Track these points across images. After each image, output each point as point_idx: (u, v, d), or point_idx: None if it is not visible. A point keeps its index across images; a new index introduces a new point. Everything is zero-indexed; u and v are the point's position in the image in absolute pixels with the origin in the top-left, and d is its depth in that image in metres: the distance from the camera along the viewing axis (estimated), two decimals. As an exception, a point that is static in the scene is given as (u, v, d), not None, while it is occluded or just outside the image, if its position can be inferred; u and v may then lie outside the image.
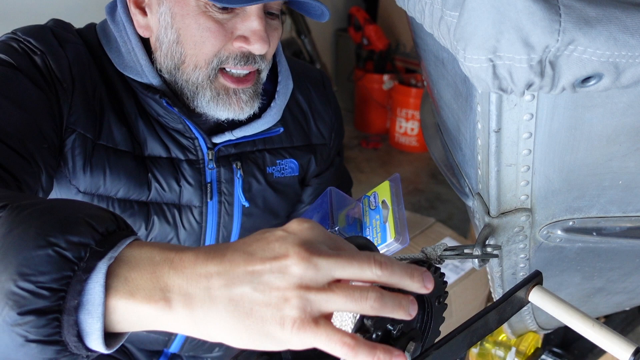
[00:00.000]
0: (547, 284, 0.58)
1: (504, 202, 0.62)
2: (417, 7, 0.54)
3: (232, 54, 0.78)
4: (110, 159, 0.81)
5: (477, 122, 0.56)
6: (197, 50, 0.77)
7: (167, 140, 0.86)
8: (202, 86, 0.80)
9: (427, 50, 0.65)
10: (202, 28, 0.76)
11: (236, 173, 0.92)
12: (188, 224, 0.90)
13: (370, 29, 3.92)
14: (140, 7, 0.81)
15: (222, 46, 0.77)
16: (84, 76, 0.80)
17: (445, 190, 3.36)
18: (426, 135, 1.01)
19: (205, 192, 0.90)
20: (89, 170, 0.80)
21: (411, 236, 2.13)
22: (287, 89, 0.94)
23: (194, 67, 0.79)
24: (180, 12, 0.76)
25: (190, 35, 0.77)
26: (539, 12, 0.39)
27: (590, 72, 0.42)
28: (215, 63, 0.78)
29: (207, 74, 0.79)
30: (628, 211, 0.65)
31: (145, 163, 0.85)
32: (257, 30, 0.76)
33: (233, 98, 0.81)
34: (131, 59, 0.82)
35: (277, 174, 0.98)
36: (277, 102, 0.91)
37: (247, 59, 0.79)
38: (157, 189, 0.86)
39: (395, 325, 0.47)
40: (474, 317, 0.52)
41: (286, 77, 0.94)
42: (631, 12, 0.40)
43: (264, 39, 0.76)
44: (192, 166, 0.88)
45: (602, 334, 0.52)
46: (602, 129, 0.53)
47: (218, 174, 0.91)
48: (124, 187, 0.83)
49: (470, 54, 0.43)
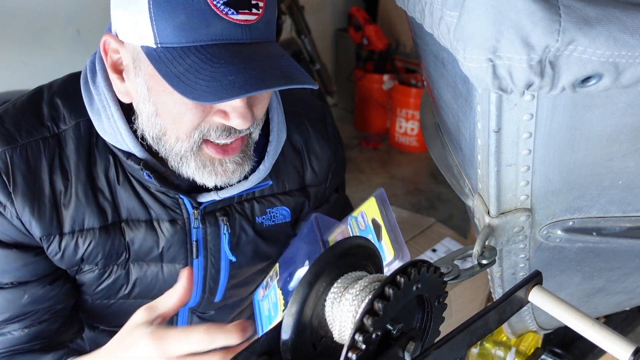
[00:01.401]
0: (547, 284, 0.58)
1: (503, 202, 0.62)
2: (417, 7, 0.54)
3: (212, 126, 0.73)
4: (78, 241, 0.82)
5: (477, 122, 0.56)
6: (176, 124, 0.73)
7: (150, 200, 0.84)
8: (185, 157, 0.76)
9: (427, 50, 0.65)
10: (179, 104, 0.71)
11: (222, 229, 0.89)
12: (172, 280, 0.89)
13: (370, 29, 3.92)
14: (118, 71, 0.76)
15: (201, 120, 0.72)
16: (32, 186, 0.79)
17: (445, 190, 3.36)
18: (426, 135, 1.01)
19: (191, 250, 0.88)
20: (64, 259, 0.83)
21: (411, 236, 2.13)
22: (279, 144, 0.89)
23: (176, 139, 0.75)
24: (155, 87, 0.71)
25: (167, 111, 0.72)
26: (539, 12, 0.39)
27: (590, 72, 0.42)
28: (196, 136, 0.74)
29: (190, 146, 0.75)
30: (628, 211, 0.65)
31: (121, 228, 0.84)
32: (238, 107, 0.70)
33: (219, 168, 0.77)
34: (110, 126, 0.79)
35: (267, 223, 0.95)
36: (266, 163, 0.87)
37: (229, 132, 0.74)
38: (137, 251, 0.86)
39: (395, 325, 0.47)
40: (474, 317, 0.52)
41: (278, 134, 0.89)
42: (631, 12, 0.40)
43: (244, 115, 0.70)
44: (175, 226, 0.86)
45: (602, 334, 0.52)
46: (602, 129, 0.53)
47: (204, 232, 0.89)
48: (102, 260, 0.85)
49: (470, 54, 0.43)
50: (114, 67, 0.76)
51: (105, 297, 0.90)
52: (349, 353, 0.44)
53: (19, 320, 0.83)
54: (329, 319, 0.50)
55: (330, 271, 0.50)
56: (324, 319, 0.51)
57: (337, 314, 0.49)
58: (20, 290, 0.82)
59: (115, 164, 0.82)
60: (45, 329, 0.85)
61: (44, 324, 0.85)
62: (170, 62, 0.65)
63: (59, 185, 0.80)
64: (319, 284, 0.49)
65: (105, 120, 0.79)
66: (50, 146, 0.79)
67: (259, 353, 0.49)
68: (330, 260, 0.50)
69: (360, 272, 0.53)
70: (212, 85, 0.64)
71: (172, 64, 0.65)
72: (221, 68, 0.64)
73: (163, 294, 0.72)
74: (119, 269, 0.87)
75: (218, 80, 0.64)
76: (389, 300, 0.45)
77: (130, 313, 0.91)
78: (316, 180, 0.99)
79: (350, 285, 0.50)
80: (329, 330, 0.51)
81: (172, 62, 0.65)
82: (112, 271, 0.87)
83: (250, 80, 0.64)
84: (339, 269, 0.51)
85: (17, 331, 0.83)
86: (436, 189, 3.43)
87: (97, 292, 0.89)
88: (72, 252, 0.82)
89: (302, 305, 0.48)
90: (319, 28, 3.89)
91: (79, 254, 0.83)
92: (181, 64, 0.65)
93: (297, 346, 0.49)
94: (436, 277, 0.51)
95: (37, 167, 0.79)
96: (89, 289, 0.89)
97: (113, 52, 0.75)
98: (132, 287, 0.89)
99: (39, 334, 0.85)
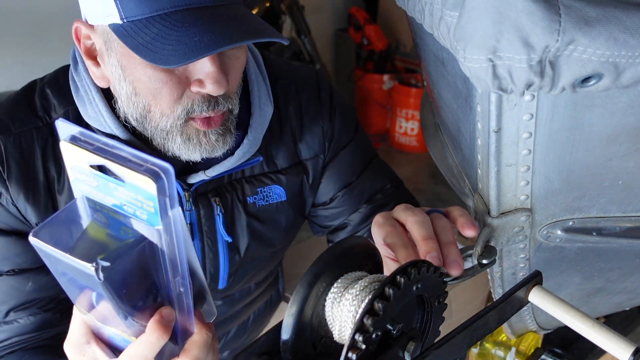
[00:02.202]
0: (547, 284, 0.58)
1: (503, 202, 0.62)
2: (417, 7, 0.54)
3: (195, 100, 0.74)
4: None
5: (477, 122, 0.56)
6: (157, 100, 0.74)
7: None
8: (171, 132, 0.77)
9: (427, 50, 0.65)
10: (153, 80, 0.72)
11: (216, 209, 0.89)
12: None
13: (370, 29, 3.92)
14: (92, 57, 0.77)
15: (180, 94, 0.73)
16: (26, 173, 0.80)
17: (445, 190, 3.35)
18: (426, 135, 1.01)
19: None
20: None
21: (411, 236, 2.13)
22: (264, 118, 0.89)
23: (161, 114, 0.75)
24: (128, 65, 0.72)
25: (145, 88, 0.73)
26: (539, 12, 0.39)
27: (590, 72, 0.42)
28: (180, 111, 0.74)
29: (175, 122, 0.75)
30: (628, 211, 0.65)
31: None
32: (210, 72, 0.70)
33: (203, 139, 0.77)
34: (93, 110, 0.80)
35: (261, 202, 0.94)
36: (250, 137, 0.86)
37: (209, 103, 0.74)
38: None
39: (395, 325, 0.47)
40: (473, 317, 0.52)
41: (260, 107, 0.88)
42: (631, 12, 0.40)
43: (218, 80, 0.71)
44: None
45: (602, 334, 0.52)
46: (602, 129, 0.53)
47: (197, 214, 0.89)
48: None
49: (470, 54, 0.43)
50: (88, 54, 0.77)
51: None
52: (349, 353, 0.44)
53: (25, 308, 0.84)
54: (329, 319, 0.50)
55: (330, 271, 0.50)
56: (324, 319, 0.51)
57: (337, 314, 0.49)
58: (23, 278, 0.83)
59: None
60: (51, 318, 0.86)
61: (49, 312, 0.86)
62: (137, 33, 0.67)
63: (53, 172, 0.82)
64: (319, 284, 0.49)
65: (89, 105, 0.80)
66: (43, 135, 0.81)
67: (259, 353, 0.49)
68: (330, 261, 0.50)
69: (360, 272, 0.53)
70: (179, 49, 0.65)
71: (139, 35, 0.67)
72: (186, 31, 0.66)
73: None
74: None
75: (184, 44, 0.66)
76: (389, 300, 0.45)
77: None
78: (312, 152, 0.97)
79: (350, 286, 0.50)
80: (329, 330, 0.51)
81: (139, 33, 0.67)
82: None
83: (215, 38, 0.66)
84: (338, 269, 0.51)
85: (22, 319, 0.84)
86: (436, 189, 3.42)
87: None
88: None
89: (302, 305, 0.48)
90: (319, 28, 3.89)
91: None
92: (147, 34, 0.67)
93: (297, 346, 0.49)
94: (436, 277, 0.51)
95: (30, 155, 0.80)
96: None
97: (85, 39, 0.76)
98: None
99: (45, 322, 0.85)
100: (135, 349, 0.51)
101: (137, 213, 0.44)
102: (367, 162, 1.03)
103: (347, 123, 1.01)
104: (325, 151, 0.99)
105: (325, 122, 0.97)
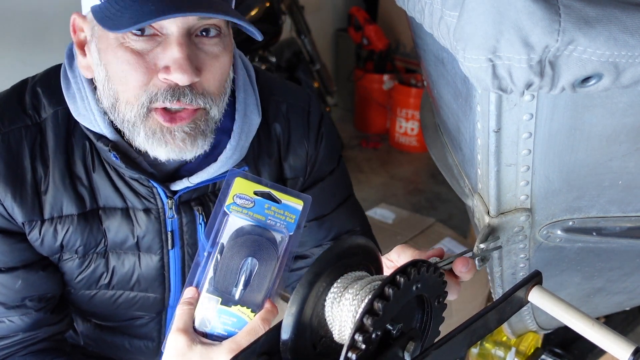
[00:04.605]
0: (547, 284, 0.58)
1: (503, 202, 0.62)
2: (417, 7, 0.54)
3: (160, 89, 0.72)
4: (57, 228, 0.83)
5: (477, 122, 0.56)
6: (124, 86, 0.73)
7: (124, 188, 0.84)
8: (136, 124, 0.75)
9: (427, 50, 0.65)
10: (121, 61, 0.71)
11: (198, 218, 0.89)
12: (148, 270, 0.90)
13: (370, 29, 3.92)
14: (81, 47, 0.78)
15: (147, 80, 0.72)
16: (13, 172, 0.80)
17: (445, 190, 3.36)
18: (426, 135, 1.01)
19: (166, 240, 0.88)
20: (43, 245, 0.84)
21: (411, 236, 2.13)
22: (250, 126, 0.88)
23: (126, 103, 0.74)
24: (102, 47, 0.73)
25: (114, 71, 0.73)
26: (539, 12, 0.39)
27: (590, 72, 0.42)
28: (144, 99, 0.72)
29: (138, 112, 0.74)
30: (628, 211, 0.65)
31: (98, 215, 0.85)
32: (177, 58, 0.70)
33: (168, 136, 0.75)
34: (84, 107, 0.80)
35: None
36: (232, 142, 0.85)
37: (173, 93, 0.72)
38: (113, 239, 0.86)
39: (394, 324, 0.47)
40: (473, 317, 0.52)
41: (245, 114, 0.87)
42: (631, 12, 0.40)
43: (184, 67, 0.70)
44: (149, 215, 0.86)
45: (602, 334, 0.52)
46: (602, 129, 0.53)
47: (180, 222, 0.88)
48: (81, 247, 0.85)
49: (470, 54, 0.43)
50: (80, 45, 0.79)
51: (86, 287, 0.91)
52: (349, 353, 0.44)
53: (16, 307, 0.84)
54: (329, 319, 0.50)
55: (330, 271, 0.50)
56: (324, 319, 0.51)
57: (337, 314, 0.49)
58: (12, 277, 0.83)
59: (91, 150, 0.83)
60: (43, 317, 0.87)
61: (41, 312, 0.86)
62: (107, 9, 0.70)
63: (40, 171, 0.82)
64: (319, 284, 0.49)
65: (80, 102, 0.80)
66: (31, 133, 0.81)
67: (259, 353, 0.49)
68: (330, 260, 0.50)
69: (360, 272, 0.53)
70: (134, 17, 0.68)
71: (108, 10, 0.70)
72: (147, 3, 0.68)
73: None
74: (98, 257, 0.88)
75: (140, 12, 0.68)
76: (389, 300, 0.45)
77: (111, 304, 0.92)
78: (293, 173, 0.96)
79: (350, 285, 0.50)
80: (329, 330, 0.51)
81: (109, 8, 0.70)
82: (91, 260, 0.87)
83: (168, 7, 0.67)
84: (338, 268, 0.51)
85: (15, 317, 0.84)
86: (436, 189, 3.42)
87: (79, 282, 0.90)
88: (51, 238, 0.83)
89: (302, 305, 0.48)
90: (319, 28, 3.89)
91: (58, 241, 0.84)
92: (114, 7, 0.70)
93: (297, 346, 0.49)
94: (436, 277, 0.51)
95: (19, 153, 0.80)
96: (70, 279, 0.90)
97: (80, 31, 0.78)
98: (111, 276, 0.90)
99: (37, 321, 0.86)
100: (249, 329, 0.66)
101: (277, 225, 0.70)
102: (344, 199, 1.03)
103: (331, 153, 1.00)
104: (306, 175, 0.98)
105: (311, 146, 0.97)
